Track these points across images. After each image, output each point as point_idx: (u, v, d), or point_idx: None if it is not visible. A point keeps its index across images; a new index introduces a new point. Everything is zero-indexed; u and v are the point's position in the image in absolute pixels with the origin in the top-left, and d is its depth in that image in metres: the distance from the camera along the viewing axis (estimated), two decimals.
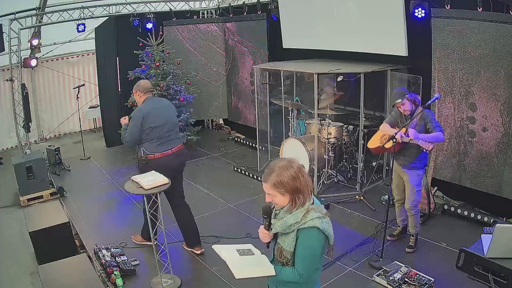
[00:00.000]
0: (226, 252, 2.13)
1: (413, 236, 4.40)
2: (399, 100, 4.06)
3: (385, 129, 4.28)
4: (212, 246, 2.23)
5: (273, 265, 2.10)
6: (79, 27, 7.41)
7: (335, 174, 6.05)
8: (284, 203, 2.03)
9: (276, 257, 2.14)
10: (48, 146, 7.56)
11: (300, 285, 2.08)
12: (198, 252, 4.44)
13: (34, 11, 7.23)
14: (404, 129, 4.04)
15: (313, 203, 2.07)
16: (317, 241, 1.99)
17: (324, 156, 5.93)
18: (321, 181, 5.95)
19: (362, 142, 5.72)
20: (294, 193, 1.99)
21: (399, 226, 4.63)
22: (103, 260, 4.24)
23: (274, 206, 2.13)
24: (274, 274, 2.06)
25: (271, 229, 2.12)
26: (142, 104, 4.15)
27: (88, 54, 9.47)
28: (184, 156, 4.37)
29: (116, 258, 4.30)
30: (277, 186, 1.99)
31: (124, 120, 4.23)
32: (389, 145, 4.10)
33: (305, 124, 6.60)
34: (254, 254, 2.15)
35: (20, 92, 7.39)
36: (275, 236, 2.15)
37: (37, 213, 5.17)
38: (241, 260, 2.09)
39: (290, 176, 1.98)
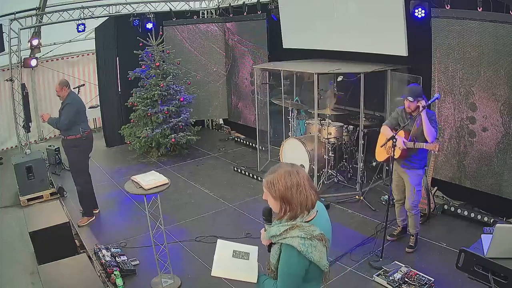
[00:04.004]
0: (221, 250, 2.12)
1: (413, 236, 4.40)
2: (411, 99, 4.01)
3: (386, 132, 4.28)
4: (218, 240, 2.20)
5: (263, 275, 2.04)
6: (79, 27, 7.41)
7: (335, 174, 6.05)
8: (275, 208, 1.94)
9: (267, 266, 2.07)
10: (48, 146, 7.57)
11: None
12: (97, 211, 5.62)
13: (34, 11, 7.22)
14: (402, 132, 4.06)
15: (312, 219, 1.92)
16: (296, 262, 1.84)
17: (324, 156, 5.93)
18: (321, 181, 5.95)
19: (362, 142, 5.72)
20: (283, 201, 1.88)
21: (399, 226, 4.63)
22: (103, 260, 4.24)
23: None
24: (254, 281, 2.00)
25: None
26: (70, 95, 5.15)
27: (88, 54, 9.47)
28: None
29: (116, 258, 4.30)
30: (269, 188, 1.91)
31: (46, 116, 5.22)
32: (398, 152, 4.10)
33: (305, 124, 6.60)
34: (248, 259, 2.11)
35: (20, 92, 7.38)
36: None
37: (37, 213, 5.17)
38: (229, 261, 2.08)
39: (285, 184, 1.87)
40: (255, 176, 6.62)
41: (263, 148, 7.09)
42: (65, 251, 4.39)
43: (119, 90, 8.47)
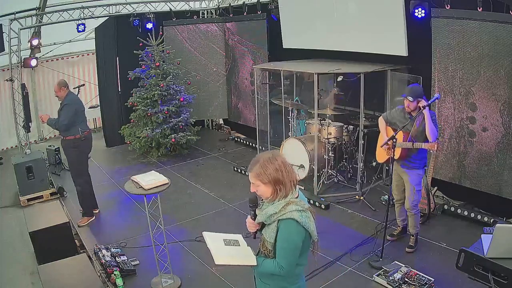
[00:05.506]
0: (212, 241, 2.23)
1: (413, 236, 4.40)
2: (410, 99, 4.00)
3: (381, 124, 4.33)
4: (203, 232, 2.30)
5: (257, 256, 2.17)
6: (79, 27, 7.41)
7: (335, 174, 6.04)
8: (267, 193, 2.11)
9: (260, 248, 2.22)
10: (48, 146, 7.57)
11: (283, 279, 2.12)
12: (97, 211, 5.61)
13: (34, 11, 7.22)
14: (401, 133, 4.06)
15: (297, 197, 2.12)
16: (296, 234, 2.04)
17: (324, 156, 5.92)
18: (321, 181, 5.95)
19: (362, 142, 5.71)
20: (276, 184, 2.07)
21: (399, 226, 4.63)
22: (103, 260, 4.24)
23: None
24: (255, 264, 2.13)
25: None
26: (68, 96, 5.16)
27: (88, 54, 9.47)
28: None
29: (116, 258, 4.30)
30: (260, 177, 2.07)
31: (45, 117, 5.20)
32: (398, 153, 4.10)
33: (305, 124, 6.60)
34: (239, 245, 2.24)
35: (20, 92, 7.39)
36: (262, 228, 2.22)
37: (37, 213, 5.17)
38: (225, 249, 2.19)
39: (274, 167, 2.06)
40: None
41: (263, 148, 7.08)
42: (65, 251, 4.39)
43: (119, 90, 8.47)
